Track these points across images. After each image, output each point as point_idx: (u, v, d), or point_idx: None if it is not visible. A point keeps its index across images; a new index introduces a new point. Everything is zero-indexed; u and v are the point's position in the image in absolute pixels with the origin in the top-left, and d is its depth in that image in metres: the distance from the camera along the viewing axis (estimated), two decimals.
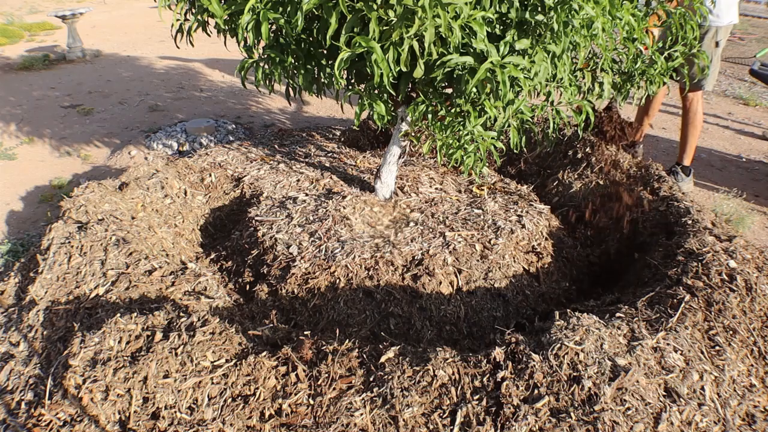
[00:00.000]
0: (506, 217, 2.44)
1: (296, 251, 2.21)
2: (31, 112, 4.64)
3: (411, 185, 2.74)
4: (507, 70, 1.70)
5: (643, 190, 2.67)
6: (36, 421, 1.45)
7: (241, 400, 1.49)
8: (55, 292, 1.96)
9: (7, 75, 5.81)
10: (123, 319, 1.69)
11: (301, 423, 1.43)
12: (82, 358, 1.58)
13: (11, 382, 1.65)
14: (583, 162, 3.05)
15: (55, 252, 2.12)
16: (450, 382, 1.49)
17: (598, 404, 1.40)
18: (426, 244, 2.21)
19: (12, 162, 3.66)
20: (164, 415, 1.45)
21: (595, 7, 1.79)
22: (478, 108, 1.92)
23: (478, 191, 2.73)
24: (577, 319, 1.68)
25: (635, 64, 2.37)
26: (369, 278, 2.08)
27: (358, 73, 2.09)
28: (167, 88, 5.42)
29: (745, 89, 5.46)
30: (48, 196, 3.15)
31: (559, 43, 1.84)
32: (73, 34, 6.36)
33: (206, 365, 1.57)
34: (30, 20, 8.67)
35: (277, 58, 1.85)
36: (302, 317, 2.04)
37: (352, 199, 2.53)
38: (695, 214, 2.34)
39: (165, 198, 2.74)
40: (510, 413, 1.39)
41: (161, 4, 1.90)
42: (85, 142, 4.03)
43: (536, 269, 2.27)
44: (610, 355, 1.54)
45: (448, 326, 2.00)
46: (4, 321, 1.92)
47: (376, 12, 1.55)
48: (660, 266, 2.08)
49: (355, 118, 1.99)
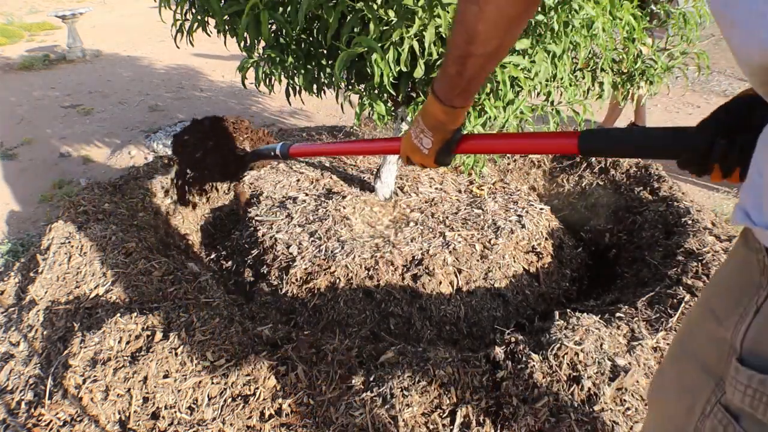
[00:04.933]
0: (506, 217, 2.44)
1: (296, 251, 2.21)
2: (31, 112, 4.64)
3: (411, 185, 2.74)
4: (507, 70, 1.70)
5: (642, 190, 2.67)
6: (36, 421, 1.45)
7: (241, 399, 1.49)
8: (55, 292, 1.96)
9: (7, 75, 5.81)
10: (123, 319, 1.69)
11: (301, 423, 1.43)
12: (82, 358, 1.58)
13: (11, 382, 1.65)
14: (583, 162, 3.05)
15: (55, 252, 2.12)
16: (450, 382, 1.49)
17: (597, 404, 1.40)
18: (426, 244, 2.21)
19: (12, 162, 3.66)
20: (164, 415, 1.45)
21: (596, 7, 1.79)
22: (478, 108, 1.92)
23: (478, 191, 2.73)
24: (577, 319, 1.68)
25: (635, 64, 2.37)
26: (369, 278, 2.08)
27: (358, 73, 2.09)
28: (167, 88, 5.42)
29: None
30: (48, 196, 3.15)
31: (560, 43, 1.84)
32: (73, 34, 6.36)
33: (206, 365, 1.57)
34: (30, 20, 8.67)
35: (277, 58, 1.85)
36: (302, 317, 2.04)
37: (352, 199, 2.53)
38: (695, 214, 2.35)
39: (165, 198, 2.74)
40: (510, 413, 1.39)
41: (161, 4, 1.89)
42: (85, 142, 4.02)
43: (536, 269, 2.27)
44: (610, 355, 1.54)
45: (448, 326, 2.00)
46: (4, 321, 1.92)
47: (376, 12, 1.55)
48: (660, 266, 2.08)
49: (355, 118, 1.99)
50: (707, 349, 0.59)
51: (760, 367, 0.50)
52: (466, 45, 0.72)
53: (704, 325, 0.61)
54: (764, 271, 0.50)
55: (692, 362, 0.62)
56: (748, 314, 0.52)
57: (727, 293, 0.57)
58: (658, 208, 2.51)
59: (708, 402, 0.57)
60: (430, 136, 0.89)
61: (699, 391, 0.59)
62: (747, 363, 0.51)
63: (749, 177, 0.51)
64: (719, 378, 0.56)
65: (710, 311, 0.60)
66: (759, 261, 0.51)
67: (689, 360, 0.63)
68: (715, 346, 0.57)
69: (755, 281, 0.52)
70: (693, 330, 0.65)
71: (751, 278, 0.52)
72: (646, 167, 2.84)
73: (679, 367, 0.65)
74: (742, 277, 0.54)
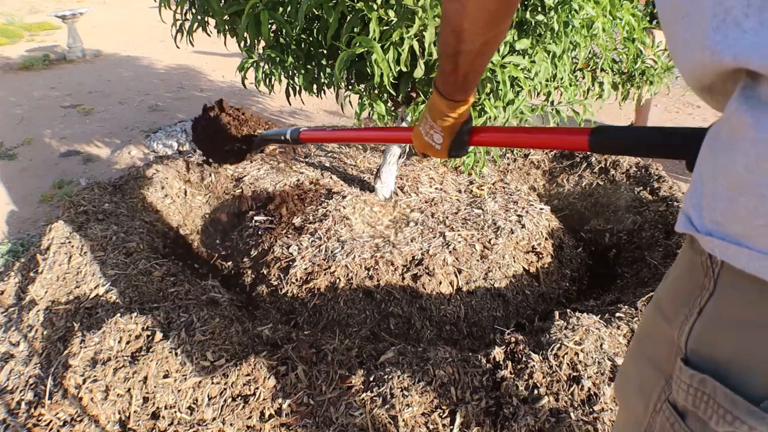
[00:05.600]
0: (506, 217, 2.44)
1: (296, 251, 2.21)
2: (31, 112, 4.64)
3: (411, 185, 2.74)
4: (507, 69, 1.70)
5: (642, 190, 2.67)
6: (36, 421, 1.45)
7: (241, 399, 1.49)
8: (55, 292, 1.96)
9: (7, 75, 5.81)
10: (123, 319, 1.69)
11: (301, 423, 1.43)
12: (82, 358, 1.58)
13: (11, 382, 1.65)
14: (583, 163, 3.05)
15: (55, 252, 2.12)
16: (450, 382, 1.49)
17: (598, 404, 1.40)
18: (426, 244, 2.21)
19: (12, 162, 3.66)
20: (164, 415, 1.45)
21: (596, 7, 1.79)
22: (478, 108, 1.92)
23: (478, 191, 2.73)
24: (577, 319, 1.68)
25: (635, 64, 2.37)
26: (369, 278, 2.08)
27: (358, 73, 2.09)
28: (167, 88, 5.42)
29: None
30: (48, 196, 3.15)
31: (560, 43, 1.84)
32: (73, 34, 6.36)
33: (206, 365, 1.57)
34: (30, 20, 8.67)
35: (277, 58, 1.85)
36: (302, 317, 2.04)
37: (352, 199, 2.53)
38: None
39: (165, 198, 2.74)
40: (510, 413, 1.39)
41: (161, 4, 1.90)
42: (85, 142, 4.02)
43: (536, 269, 2.27)
44: (610, 355, 1.54)
45: (448, 326, 2.00)
46: (4, 321, 1.91)
47: (377, 12, 1.55)
48: (660, 266, 2.08)
49: (355, 118, 1.99)
50: (659, 348, 0.61)
51: (702, 366, 0.51)
52: (455, 43, 0.74)
53: (656, 324, 0.62)
54: (707, 273, 0.51)
55: (647, 359, 0.64)
56: (692, 314, 0.53)
57: (675, 294, 0.58)
58: (658, 208, 2.51)
59: (659, 399, 0.59)
60: (439, 131, 0.90)
61: (652, 388, 0.61)
62: (690, 363, 0.53)
63: (692, 182, 0.52)
64: (669, 376, 0.58)
65: (660, 310, 0.61)
66: (702, 263, 0.52)
67: (644, 357, 0.65)
68: (665, 345, 0.59)
69: (699, 282, 0.53)
70: (647, 328, 0.67)
71: (697, 279, 0.53)
72: (646, 167, 2.84)
73: (637, 364, 0.67)
74: (689, 277, 0.55)
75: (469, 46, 0.74)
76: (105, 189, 2.64)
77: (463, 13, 0.69)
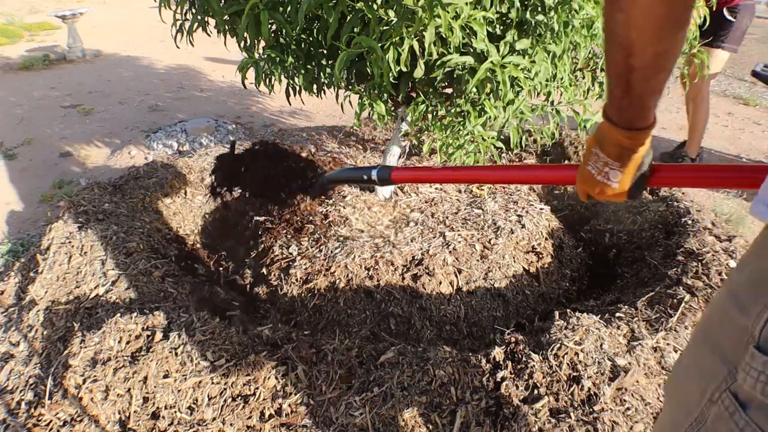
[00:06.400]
0: (506, 217, 2.44)
1: (296, 251, 2.21)
2: (31, 112, 4.64)
3: (411, 185, 2.74)
4: (507, 70, 1.70)
5: None
6: (36, 421, 1.45)
7: (241, 399, 1.49)
8: (55, 292, 1.96)
9: (7, 75, 5.81)
10: (123, 319, 1.69)
11: (301, 423, 1.43)
12: (82, 358, 1.58)
13: (11, 382, 1.65)
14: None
15: (55, 252, 2.12)
16: (450, 382, 1.49)
17: (597, 404, 1.40)
18: (426, 244, 2.21)
19: (12, 162, 3.66)
20: (164, 414, 1.45)
21: (596, 7, 1.79)
22: (478, 108, 1.92)
23: (478, 191, 2.73)
24: (577, 319, 1.68)
25: None
26: (369, 278, 2.07)
27: (358, 73, 2.09)
28: (167, 88, 5.42)
29: (745, 89, 5.46)
30: (48, 196, 3.15)
31: (560, 43, 1.84)
32: (73, 34, 6.37)
33: (206, 365, 1.57)
34: (30, 20, 8.67)
35: (277, 58, 1.85)
36: (302, 317, 2.04)
37: (352, 199, 2.53)
38: (695, 214, 2.35)
39: (165, 198, 2.74)
40: (510, 413, 1.39)
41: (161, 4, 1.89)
42: (85, 142, 4.03)
43: (536, 269, 2.27)
44: (610, 355, 1.54)
45: (448, 326, 2.00)
46: (4, 321, 1.91)
47: (377, 12, 1.55)
48: (660, 266, 2.08)
49: (355, 118, 1.99)
50: (726, 335, 0.61)
51: None
52: (624, 59, 0.66)
53: (726, 312, 0.62)
54: None
55: (711, 348, 0.64)
56: None
57: (755, 282, 0.58)
58: (658, 208, 2.51)
59: (718, 388, 0.59)
60: (618, 168, 0.79)
61: (712, 378, 0.61)
62: (764, 350, 0.53)
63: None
64: (733, 365, 0.58)
65: (734, 298, 0.61)
66: None
67: (709, 346, 0.65)
68: (734, 333, 0.59)
69: None
70: (715, 315, 0.67)
71: None
72: None
73: (699, 351, 0.67)
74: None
75: (640, 61, 0.65)
76: (105, 189, 2.64)
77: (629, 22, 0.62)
